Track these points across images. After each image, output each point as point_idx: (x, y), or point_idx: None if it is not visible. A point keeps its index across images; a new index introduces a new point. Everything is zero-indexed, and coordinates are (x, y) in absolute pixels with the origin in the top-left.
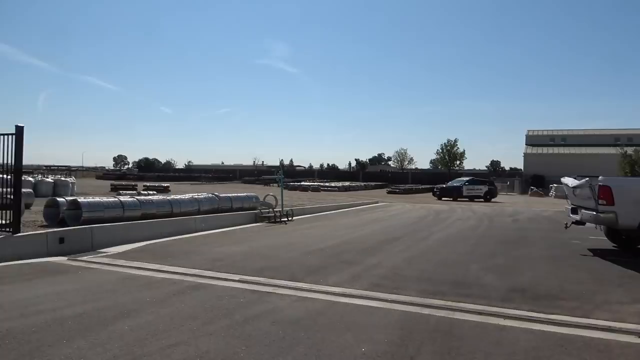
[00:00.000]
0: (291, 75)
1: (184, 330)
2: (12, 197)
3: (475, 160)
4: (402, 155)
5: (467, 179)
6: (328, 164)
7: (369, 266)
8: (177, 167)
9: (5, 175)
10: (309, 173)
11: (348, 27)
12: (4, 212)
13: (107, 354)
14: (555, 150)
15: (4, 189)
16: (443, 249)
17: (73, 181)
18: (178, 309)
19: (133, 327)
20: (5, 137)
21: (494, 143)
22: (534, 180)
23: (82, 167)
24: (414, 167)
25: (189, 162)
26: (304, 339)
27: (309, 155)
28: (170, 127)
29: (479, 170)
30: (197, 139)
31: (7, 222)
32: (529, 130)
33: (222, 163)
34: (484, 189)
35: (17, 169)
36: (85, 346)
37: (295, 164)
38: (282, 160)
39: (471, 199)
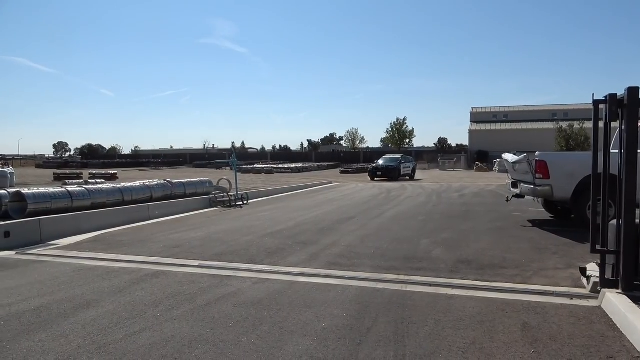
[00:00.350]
0: (240, 55)
1: (147, 317)
2: None
3: (423, 138)
4: (353, 135)
5: (396, 156)
6: (280, 146)
7: (325, 246)
8: (123, 153)
9: None
10: (261, 155)
11: (296, 5)
12: None
13: (71, 344)
14: (498, 126)
15: None
16: (395, 226)
17: (12, 171)
18: (139, 297)
19: (95, 317)
20: None
21: (441, 120)
22: (479, 156)
23: (19, 155)
24: (365, 147)
25: (136, 147)
26: (267, 318)
27: (260, 137)
28: (113, 111)
29: (428, 147)
30: (143, 124)
31: None
32: (473, 108)
33: (171, 147)
34: (411, 166)
35: None
36: (47, 339)
37: (247, 146)
38: (233, 143)
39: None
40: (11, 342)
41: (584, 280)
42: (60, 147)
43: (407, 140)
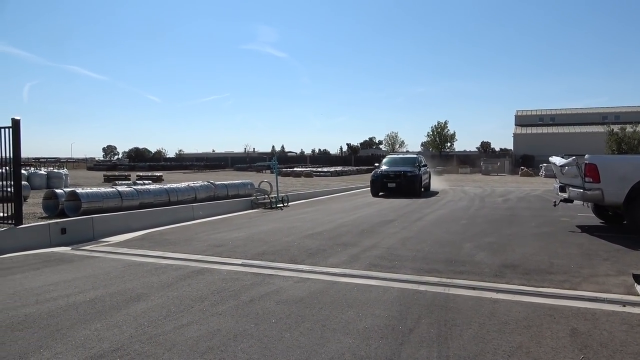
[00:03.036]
0: (279, 60)
1: (194, 311)
2: (12, 190)
3: (465, 142)
4: (393, 139)
5: (410, 156)
6: (319, 149)
7: (366, 247)
8: (167, 157)
9: (2, 169)
10: (300, 159)
11: (335, 10)
12: (5, 204)
13: (123, 334)
14: (544, 129)
15: (4, 182)
16: (436, 229)
17: (66, 173)
18: (186, 292)
19: (145, 309)
20: (2, 130)
21: (483, 124)
22: (524, 160)
23: (72, 158)
24: (405, 150)
25: (180, 150)
26: (309, 316)
27: (300, 140)
28: (159, 116)
29: (470, 151)
30: (187, 127)
31: (9, 214)
32: (518, 111)
33: (213, 151)
34: (428, 172)
35: (16, 161)
36: (102, 328)
37: (286, 150)
38: (273, 146)
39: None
40: (70, 329)
41: (638, 288)
42: (109, 150)
43: (449, 144)
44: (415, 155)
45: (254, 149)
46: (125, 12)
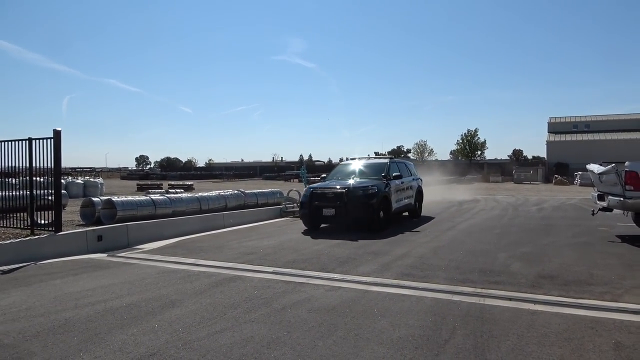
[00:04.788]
0: (308, 70)
1: (227, 318)
2: (52, 198)
3: (496, 150)
4: (421, 147)
5: (377, 162)
6: (347, 158)
7: (397, 256)
8: (198, 166)
9: (41, 178)
10: (328, 168)
11: (363, 20)
12: (46, 212)
13: (159, 339)
14: (579, 137)
15: (44, 191)
16: (468, 239)
17: (101, 182)
18: (219, 299)
19: (179, 315)
20: (44, 141)
21: (515, 131)
22: (558, 168)
23: (106, 168)
24: (434, 159)
25: (210, 160)
26: (342, 325)
27: (327, 150)
28: (190, 126)
29: (501, 159)
30: (216, 137)
31: (50, 221)
32: (551, 118)
33: (242, 160)
34: (416, 187)
35: (57, 171)
36: (139, 333)
37: (314, 159)
38: (302, 155)
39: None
40: (108, 334)
41: None
42: (141, 160)
43: (479, 152)
44: (385, 161)
45: (282, 158)
46: (159, 27)
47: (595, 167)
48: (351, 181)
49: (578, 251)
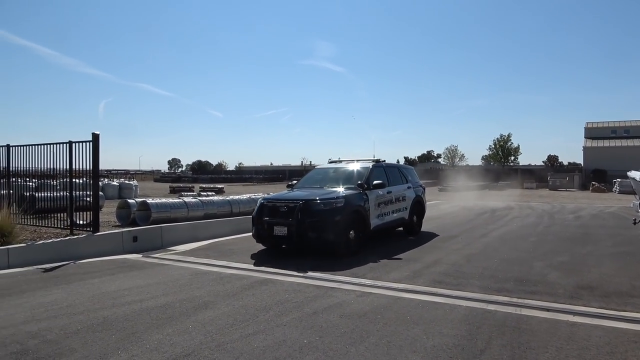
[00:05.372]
0: (337, 74)
1: (259, 321)
2: (91, 199)
3: (530, 155)
4: (452, 152)
5: (356, 169)
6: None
7: (428, 263)
8: (228, 169)
9: (79, 180)
10: None
11: (392, 25)
12: (84, 213)
13: (193, 340)
14: (618, 142)
15: (82, 192)
16: (503, 247)
17: (136, 184)
18: (251, 302)
19: (212, 317)
20: (84, 144)
21: (550, 137)
22: (595, 174)
23: (140, 170)
24: (465, 164)
25: (240, 163)
26: (374, 331)
27: (356, 154)
28: (220, 130)
29: (536, 165)
30: (246, 141)
31: (88, 222)
32: (587, 123)
33: (271, 164)
34: (412, 198)
35: (95, 173)
36: (174, 333)
37: None
38: (330, 159)
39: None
40: (144, 333)
41: None
42: (173, 163)
43: (512, 158)
44: (366, 165)
45: (310, 162)
46: (191, 33)
47: (637, 175)
48: (316, 191)
49: (618, 261)
